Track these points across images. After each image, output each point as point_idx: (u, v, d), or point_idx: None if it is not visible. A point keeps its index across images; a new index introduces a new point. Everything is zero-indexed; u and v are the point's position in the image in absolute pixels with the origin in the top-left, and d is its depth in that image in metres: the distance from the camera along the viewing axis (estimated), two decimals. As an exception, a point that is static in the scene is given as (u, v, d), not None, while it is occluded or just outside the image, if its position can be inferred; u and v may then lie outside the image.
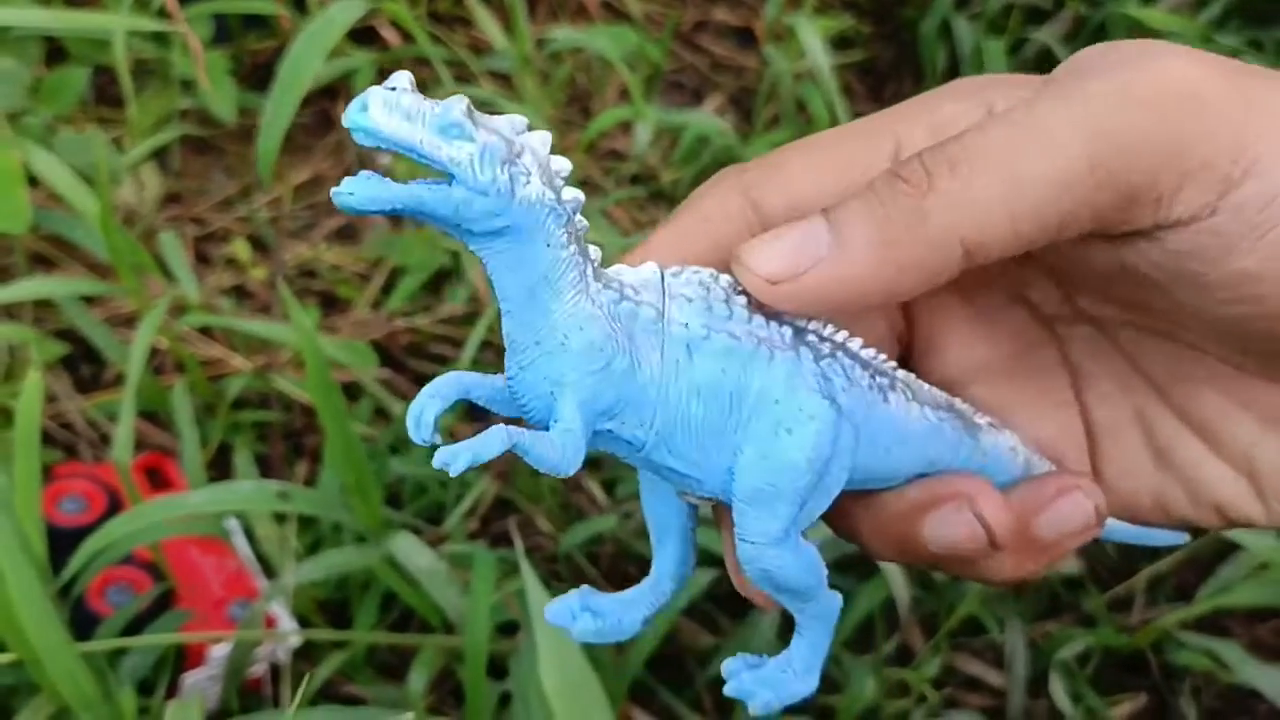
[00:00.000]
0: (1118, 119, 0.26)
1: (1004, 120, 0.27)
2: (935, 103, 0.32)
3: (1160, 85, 0.26)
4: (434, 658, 0.68)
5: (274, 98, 0.62)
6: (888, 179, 0.27)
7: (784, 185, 0.32)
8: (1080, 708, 0.72)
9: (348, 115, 0.25)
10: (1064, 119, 0.26)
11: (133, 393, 0.66)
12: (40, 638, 0.50)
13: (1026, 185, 0.26)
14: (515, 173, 0.26)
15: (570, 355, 0.27)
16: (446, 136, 0.25)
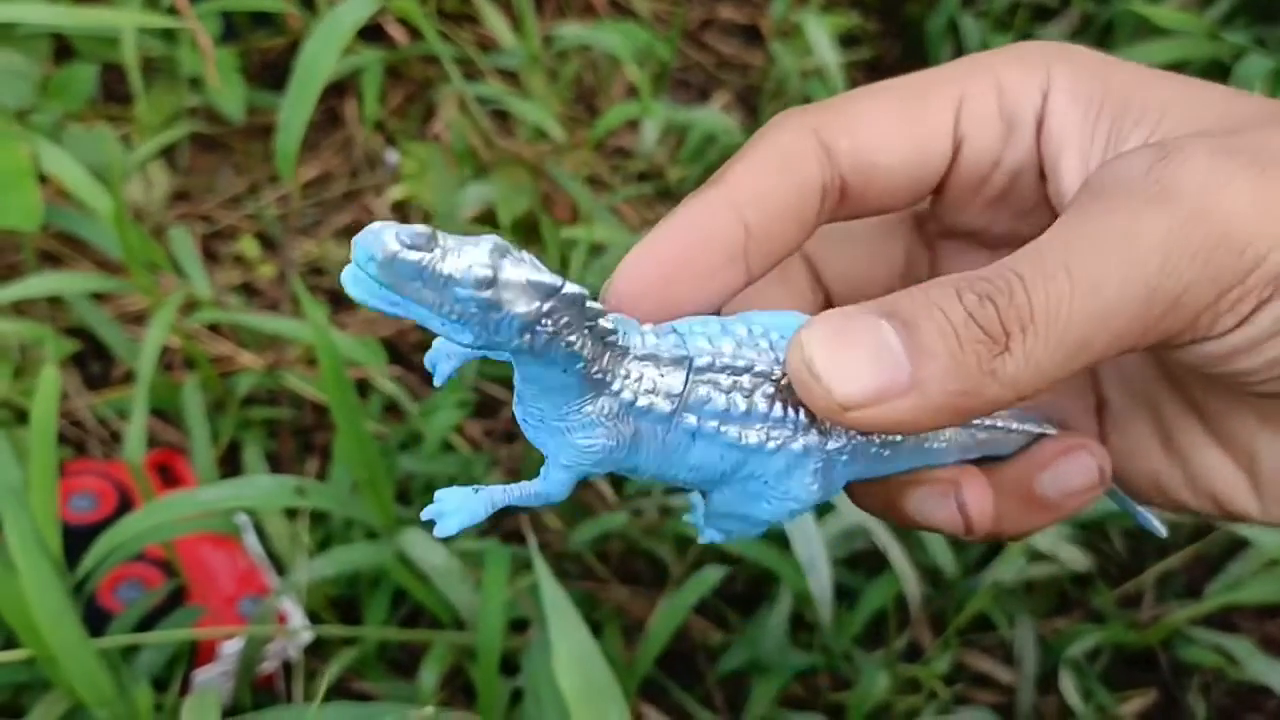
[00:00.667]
0: (1169, 280, 0.27)
1: (1061, 272, 0.27)
2: (1000, 65, 0.33)
3: (1204, 234, 0.27)
4: (445, 654, 0.68)
5: (290, 95, 0.62)
6: (964, 318, 0.27)
7: (850, 129, 0.32)
8: (1090, 704, 0.72)
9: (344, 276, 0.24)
10: (1117, 284, 0.27)
11: (145, 390, 0.66)
12: (56, 635, 0.50)
13: (1085, 349, 0.27)
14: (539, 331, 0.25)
15: (570, 447, 0.28)
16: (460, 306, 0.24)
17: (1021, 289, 0.27)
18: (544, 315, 0.25)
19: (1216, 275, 0.27)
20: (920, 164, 0.33)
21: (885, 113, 0.32)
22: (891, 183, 0.33)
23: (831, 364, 0.27)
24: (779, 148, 0.32)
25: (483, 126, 0.93)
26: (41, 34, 0.89)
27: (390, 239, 0.23)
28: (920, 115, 0.32)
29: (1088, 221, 0.28)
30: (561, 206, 0.95)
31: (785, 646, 0.72)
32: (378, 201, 0.99)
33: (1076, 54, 0.33)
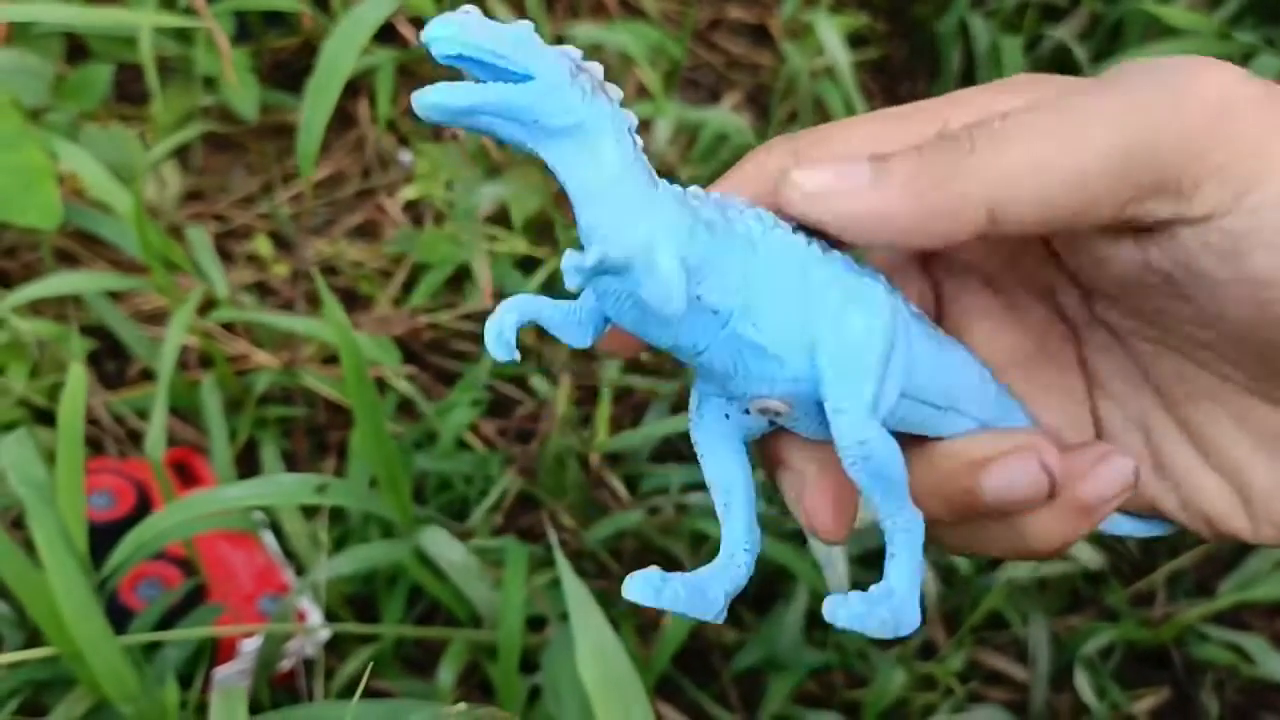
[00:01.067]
0: (1150, 116, 0.28)
1: (1048, 105, 0.29)
2: (990, 94, 0.33)
3: (1194, 90, 0.28)
4: (462, 652, 0.69)
5: (312, 93, 0.63)
6: (935, 139, 0.29)
7: (832, 151, 0.33)
8: (1104, 702, 0.72)
9: (431, 28, 0.26)
10: (1100, 111, 0.28)
11: (165, 388, 0.66)
12: (82, 631, 0.50)
13: (1055, 167, 0.28)
14: (583, 79, 0.27)
15: (660, 221, 0.28)
16: (521, 45, 0.27)
17: (998, 117, 0.29)
18: (581, 69, 0.27)
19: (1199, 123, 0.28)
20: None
21: (867, 136, 0.33)
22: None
23: (803, 166, 0.30)
24: (756, 167, 0.33)
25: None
26: (55, 33, 0.90)
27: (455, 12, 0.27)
28: (903, 138, 0.32)
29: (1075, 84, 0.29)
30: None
31: (801, 644, 0.72)
32: (390, 201, 0.99)
33: (1067, 84, 0.33)
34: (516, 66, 0.26)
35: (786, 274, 0.29)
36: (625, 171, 0.28)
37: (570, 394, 0.84)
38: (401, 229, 0.96)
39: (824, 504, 0.33)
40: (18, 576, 0.51)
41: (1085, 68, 1.00)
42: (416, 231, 0.95)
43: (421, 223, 0.98)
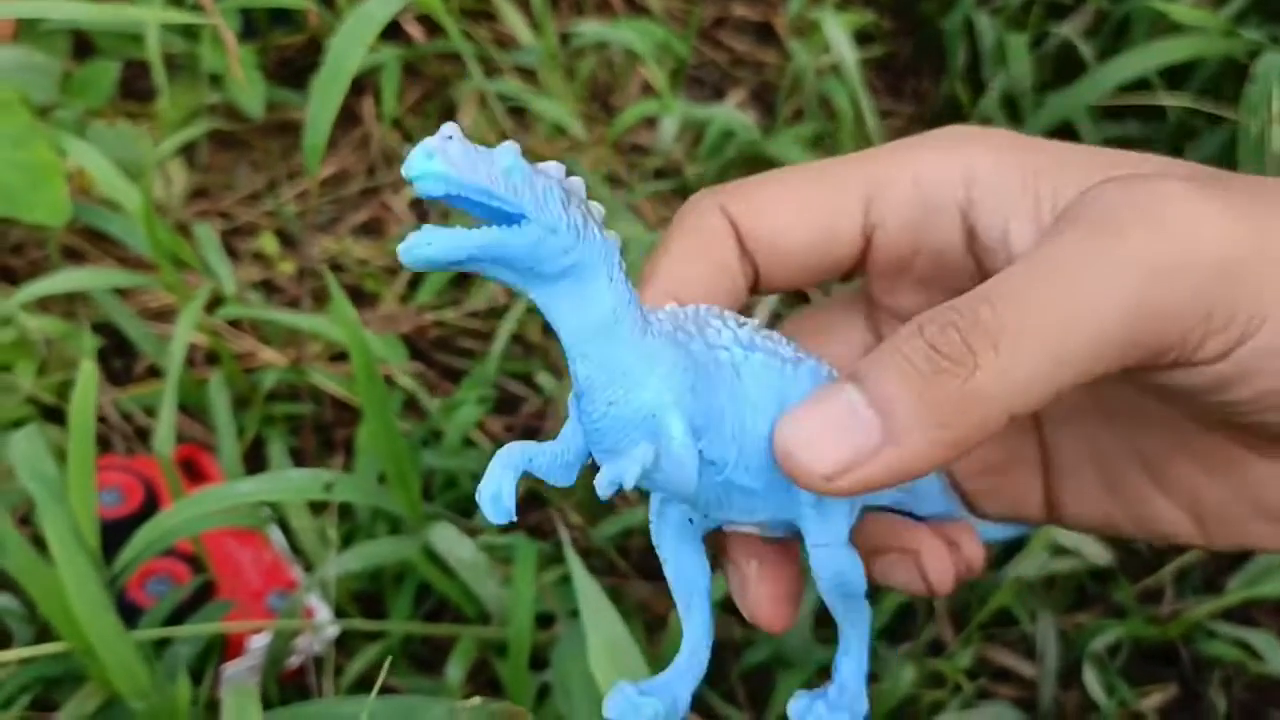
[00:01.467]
0: (1154, 292, 0.27)
1: (1040, 283, 0.27)
2: (915, 151, 0.34)
3: (1190, 255, 0.27)
4: (471, 649, 0.68)
5: (318, 90, 0.63)
6: (925, 351, 0.27)
7: (755, 211, 0.34)
8: (1112, 699, 0.72)
9: (413, 166, 0.24)
10: (1101, 291, 0.27)
11: (174, 386, 0.66)
12: (94, 627, 0.50)
13: (1069, 360, 0.27)
14: (574, 211, 0.26)
15: (663, 379, 0.27)
16: (510, 179, 0.25)
17: (989, 309, 0.27)
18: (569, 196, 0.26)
19: (1205, 293, 0.27)
20: (824, 249, 0.34)
21: (790, 198, 0.34)
22: (794, 264, 0.35)
23: (804, 444, 0.27)
24: (698, 232, 0.34)
25: (501, 123, 0.94)
26: (61, 30, 0.89)
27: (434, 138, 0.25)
28: (826, 202, 0.34)
29: (1068, 241, 0.28)
30: (580, 203, 0.95)
31: (809, 641, 0.72)
32: (395, 199, 0.99)
33: (993, 136, 0.34)
34: (508, 206, 0.25)
35: (768, 407, 0.29)
36: (621, 314, 0.27)
37: (577, 391, 0.84)
38: (407, 226, 0.96)
39: (766, 599, 0.34)
40: (28, 572, 0.51)
41: (1091, 65, 1.00)
42: (422, 229, 0.95)
43: (427, 220, 0.98)
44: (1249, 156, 0.81)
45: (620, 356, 0.27)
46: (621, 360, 0.27)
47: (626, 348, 0.27)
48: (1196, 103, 0.93)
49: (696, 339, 0.29)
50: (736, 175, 1.01)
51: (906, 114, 1.14)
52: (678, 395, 0.27)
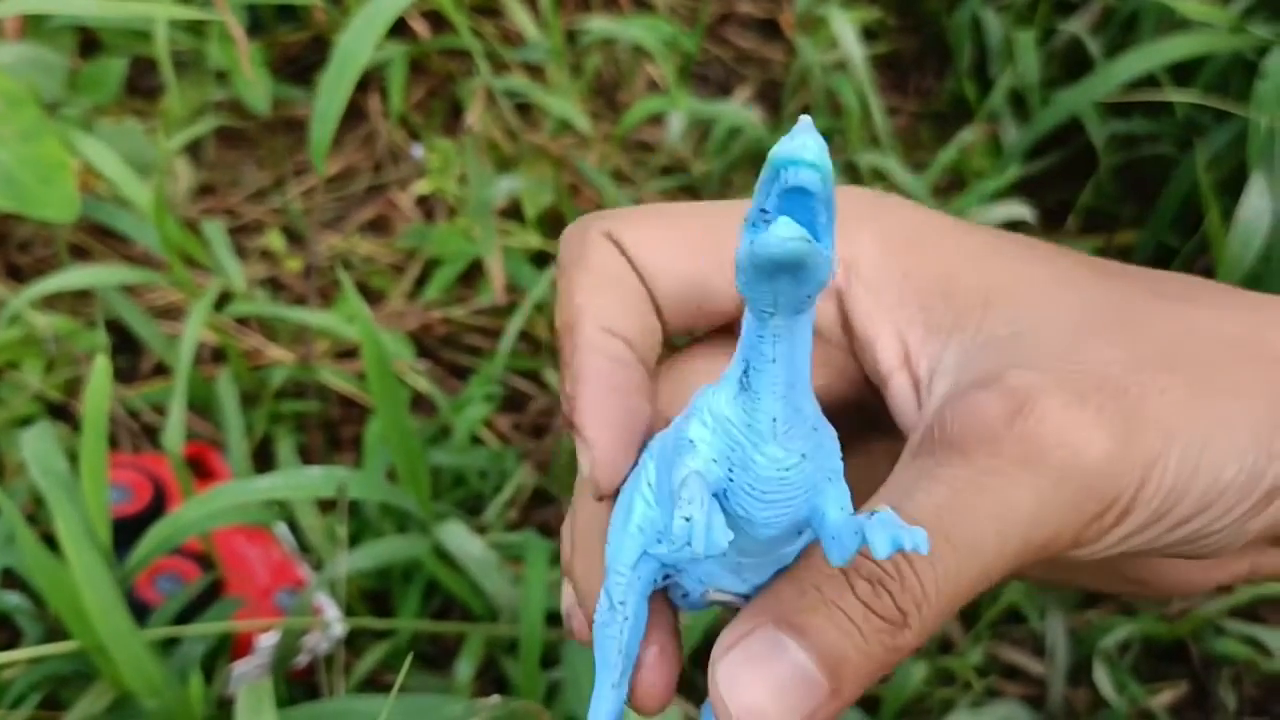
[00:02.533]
0: (1040, 530, 0.29)
1: (944, 546, 0.28)
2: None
3: (1072, 491, 0.29)
4: (478, 648, 0.68)
5: (325, 86, 0.62)
6: (863, 612, 0.28)
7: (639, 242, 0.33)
8: (1122, 696, 0.72)
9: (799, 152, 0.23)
10: (996, 546, 0.29)
11: (183, 383, 0.66)
12: (106, 625, 0.50)
13: (973, 592, 0.29)
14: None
15: (833, 441, 0.27)
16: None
17: (911, 572, 0.28)
18: None
19: (1082, 513, 0.29)
20: (699, 298, 0.34)
21: (668, 243, 0.33)
22: (671, 305, 0.34)
23: (756, 712, 0.28)
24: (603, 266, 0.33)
25: (508, 120, 0.93)
26: (68, 27, 0.89)
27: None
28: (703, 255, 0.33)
29: (959, 484, 0.29)
30: (586, 200, 0.95)
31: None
32: (402, 195, 0.99)
33: (890, 217, 0.34)
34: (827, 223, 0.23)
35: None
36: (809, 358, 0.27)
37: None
38: (414, 224, 0.96)
39: (652, 684, 0.33)
40: (40, 569, 0.51)
41: (1099, 62, 1.00)
42: (429, 226, 0.94)
43: (434, 217, 0.98)
44: (1259, 152, 0.81)
45: (809, 407, 0.27)
46: (810, 411, 0.27)
47: (811, 399, 0.27)
48: (1204, 99, 0.93)
49: None
50: (743, 172, 1.01)
51: (912, 111, 1.14)
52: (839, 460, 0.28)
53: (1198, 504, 0.30)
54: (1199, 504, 0.30)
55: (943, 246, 0.33)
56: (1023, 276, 0.32)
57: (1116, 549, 0.31)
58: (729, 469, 0.26)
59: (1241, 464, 0.30)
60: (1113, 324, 0.31)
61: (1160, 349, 0.31)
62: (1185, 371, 0.30)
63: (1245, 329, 0.32)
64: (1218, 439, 0.30)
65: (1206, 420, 0.30)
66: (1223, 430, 0.30)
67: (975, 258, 0.33)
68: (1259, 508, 0.31)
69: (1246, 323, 0.32)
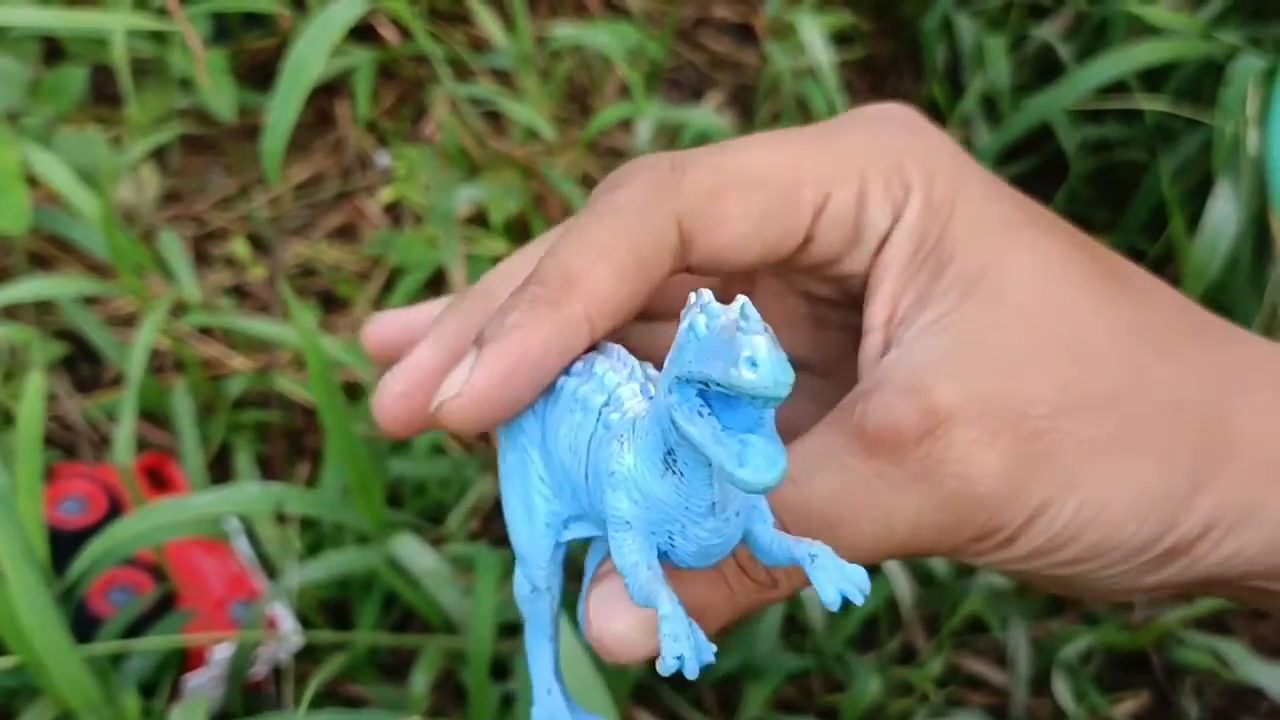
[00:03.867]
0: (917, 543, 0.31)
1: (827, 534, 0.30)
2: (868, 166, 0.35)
3: (954, 515, 0.30)
4: (436, 659, 0.68)
5: (278, 96, 0.62)
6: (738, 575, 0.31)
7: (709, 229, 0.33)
8: (1083, 706, 0.72)
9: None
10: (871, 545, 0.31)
11: (134, 394, 0.65)
12: (43, 641, 0.50)
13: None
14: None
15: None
16: None
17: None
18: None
19: (960, 536, 0.31)
20: (765, 258, 0.35)
21: (747, 214, 0.33)
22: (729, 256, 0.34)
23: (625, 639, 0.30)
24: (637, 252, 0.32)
25: (474, 127, 0.93)
26: (30, 36, 0.89)
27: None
28: (781, 218, 0.34)
29: (852, 478, 0.30)
30: (553, 207, 0.95)
31: (777, 649, 0.72)
32: (369, 203, 0.98)
33: (937, 172, 0.34)
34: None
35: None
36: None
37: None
38: (380, 231, 0.96)
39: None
40: (-22, 586, 0.51)
41: (1070, 67, 0.99)
42: (396, 233, 0.94)
43: (402, 224, 0.97)
44: (1224, 159, 0.81)
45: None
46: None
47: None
48: (1174, 106, 0.93)
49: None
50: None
51: (886, 116, 1.13)
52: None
53: (1087, 552, 0.31)
54: (1088, 552, 0.31)
55: (965, 216, 0.34)
56: (1019, 267, 0.33)
57: (996, 568, 0.32)
58: (669, 537, 0.27)
59: (1140, 526, 0.31)
60: (1074, 350, 0.31)
61: (1105, 391, 0.31)
62: (1117, 422, 0.31)
63: (1203, 392, 0.32)
64: (1123, 496, 0.30)
65: (1118, 478, 0.30)
66: (1132, 489, 0.30)
67: (986, 235, 0.33)
68: (1152, 566, 0.31)
69: (1209, 385, 0.32)
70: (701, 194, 0.32)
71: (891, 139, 0.35)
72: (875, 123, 0.36)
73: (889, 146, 0.35)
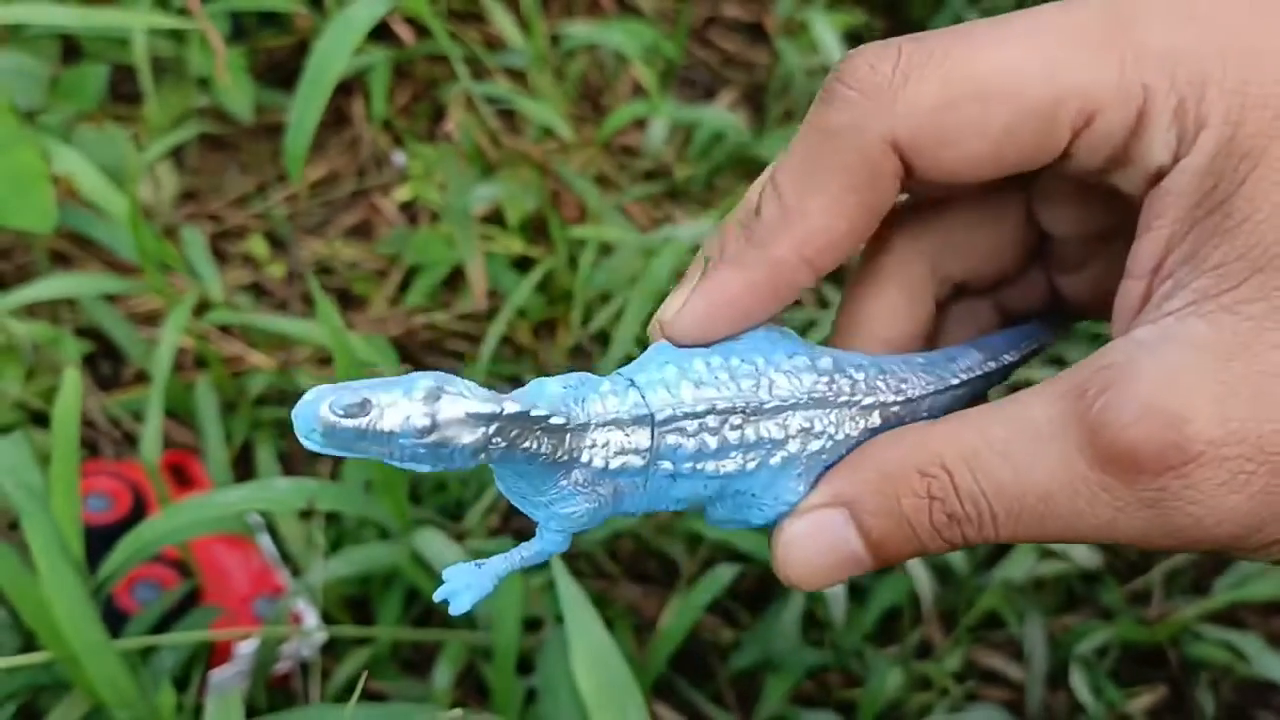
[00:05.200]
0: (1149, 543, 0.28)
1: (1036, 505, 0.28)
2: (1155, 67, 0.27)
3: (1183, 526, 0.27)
4: (458, 654, 0.68)
5: (301, 95, 0.63)
6: (926, 519, 0.30)
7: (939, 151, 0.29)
8: (1100, 701, 0.72)
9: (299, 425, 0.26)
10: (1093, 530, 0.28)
11: (160, 391, 0.66)
12: (78, 636, 0.50)
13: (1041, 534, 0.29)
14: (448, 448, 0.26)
15: (555, 517, 0.29)
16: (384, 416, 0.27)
17: (988, 511, 0.29)
18: (491, 438, 0.26)
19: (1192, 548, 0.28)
20: (1004, 174, 0.30)
21: (983, 134, 0.28)
22: (966, 183, 0.30)
23: (806, 576, 0.31)
24: (853, 182, 0.29)
25: (490, 126, 0.93)
26: (49, 34, 0.89)
27: (325, 412, 0.25)
28: (1027, 135, 0.28)
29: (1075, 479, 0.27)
30: (569, 205, 0.95)
31: (797, 644, 0.72)
32: (385, 201, 0.99)
33: (1254, 106, 0.27)
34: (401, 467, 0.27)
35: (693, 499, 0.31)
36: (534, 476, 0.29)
37: (566, 394, 0.83)
38: (397, 229, 0.96)
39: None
40: (13, 582, 0.51)
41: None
42: (412, 231, 0.95)
43: (417, 222, 0.98)
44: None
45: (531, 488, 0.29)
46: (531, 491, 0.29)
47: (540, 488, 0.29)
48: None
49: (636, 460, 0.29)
50: (727, 177, 1.01)
51: (897, 114, 1.14)
52: (565, 527, 0.30)
53: None
54: None
55: (1270, 176, 0.26)
56: None
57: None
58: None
59: None
60: None
61: None
62: None
63: None
64: None
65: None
66: None
67: None
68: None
69: None
70: (924, 111, 0.28)
71: (1204, 38, 0.27)
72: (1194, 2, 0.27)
73: (1196, 53, 0.27)
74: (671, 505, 0.31)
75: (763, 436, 0.30)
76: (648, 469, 0.29)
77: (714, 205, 0.98)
